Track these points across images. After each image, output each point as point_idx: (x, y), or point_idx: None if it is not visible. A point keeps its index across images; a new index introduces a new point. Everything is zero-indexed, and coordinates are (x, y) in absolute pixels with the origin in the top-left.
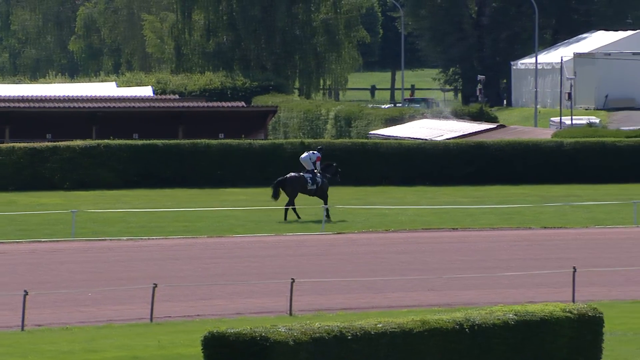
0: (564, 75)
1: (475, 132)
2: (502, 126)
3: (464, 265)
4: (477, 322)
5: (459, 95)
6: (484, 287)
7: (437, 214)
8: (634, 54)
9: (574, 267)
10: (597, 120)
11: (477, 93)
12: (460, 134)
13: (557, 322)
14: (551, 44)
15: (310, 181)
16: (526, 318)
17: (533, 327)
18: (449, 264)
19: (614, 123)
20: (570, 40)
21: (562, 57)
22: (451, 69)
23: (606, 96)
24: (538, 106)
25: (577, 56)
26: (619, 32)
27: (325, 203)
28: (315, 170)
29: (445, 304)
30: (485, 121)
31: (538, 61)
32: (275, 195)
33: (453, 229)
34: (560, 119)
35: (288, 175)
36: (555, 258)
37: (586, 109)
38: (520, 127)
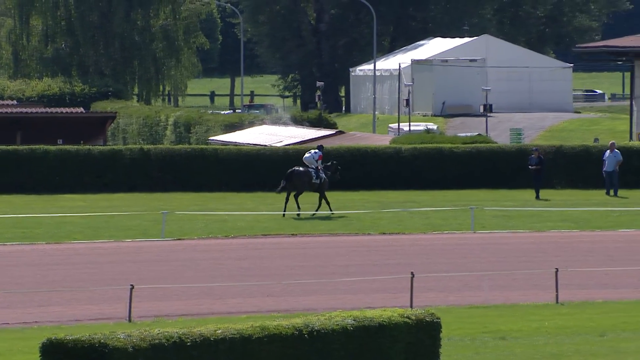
0: (401, 81)
1: (315, 138)
2: (341, 132)
3: (303, 271)
4: (316, 328)
5: (298, 101)
6: (322, 293)
7: (276, 220)
8: (470, 60)
9: (412, 273)
10: (435, 127)
11: (316, 99)
12: (300, 140)
13: (395, 327)
14: (389, 50)
15: (314, 175)
16: (365, 323)
17: (371, 333)
18: (288, 270)
19: (451, 129)
20: (408, 47)
21: (400, 64)
22: (290, 76)
23: (443, 103)
24: (376, 112)
25: (415, 63)
26: (456, 39)
27: (323, 199)
28: (319, 168)
29: (285, 309)
30: (325, 127)
31: (376, 68)
32: (283, 189)
33: (292, 234)
34: (399, 125)
35: (296, 169)
36: (394, 264)
37: (424, 116)
38: (359, 133)
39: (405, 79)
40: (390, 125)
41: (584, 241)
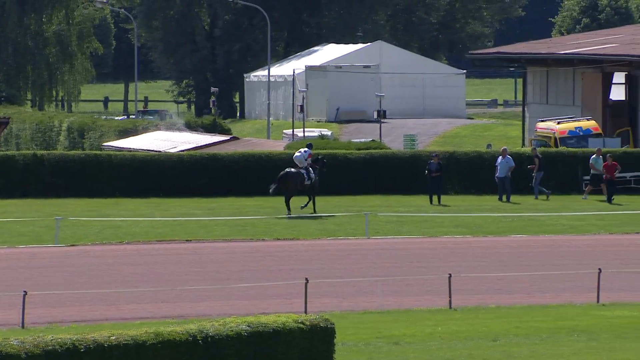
0: (296, 87)
1: (209, 144)
2: (236, 138)
3: (197, 276)
4: (210, 334)
5: (192, 107)
6: (217, 299)
7: (170, 225)
8: (364, 67)
9: (306, 279)
10: (329, 133)
11: (211, 105)
12: (194, 145)
13: (290, 333)
14: (283, 56)
15: (306, 176)
16: (259, 329)
17: (266, 338)
18: (182, 276)
19: (346, 135)
20: (303, 53)
21: (294, 70)
22: (184, 81)
23: (337, 109)
24: (271, 118)
25: (309, 69)
26: (350, 45)
27: (317, 194)
28: (309, 166)
29: (179, 315)
30: (219, 133)
31: (271, 74)
32: (276, 190)
33: (187, 240)
34: (293, 131)
35: (289, 170)
36: (288, 269)
37: (318, 121)
38: (253, 139)
39: (300, 85)
40: (284, 131)
41: (476, 247)
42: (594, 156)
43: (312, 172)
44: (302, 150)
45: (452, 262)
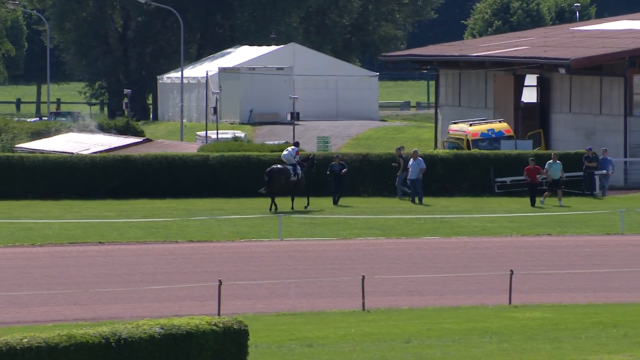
0: (209, 89)
1: (122, 146)
2: (149, 140)
3: (109, 279)
4: (123, 337)
5: (105, 109)
6: (130, 301)
7: (83, 227)
8: (277, 69)
9: (220, 281)
10: (243, 135)
11: (124, 107)
12: (107, 147)
13: (203, 335)
14: (196, 58)
15: (292, 172)
16: (172, 332)
17: (179, 341)
18: (94, 278)
19: (259, 137)
20: (216, 55)
21: (207, 72)
22: (97, 83)
23: (251, 111)
24: (184, 120)
25: (222, 71)
26: (263, 47)
27: (303, 194)
28: (298, 164)
29: (92, 318)
30: (132, 135)
31: (184, 75)
32: (268, 187)
33: (99, 242)
34: (206, 133)
35: (275, 167)
36: (201, 271)
37: (232, 124)
38: (166, 141)
39: (213, 87)
40: (198, 133)
41: (389, 248)
42: (549, 162)
43: (299, 168)
44: (289, 148)
45: (365, 264)
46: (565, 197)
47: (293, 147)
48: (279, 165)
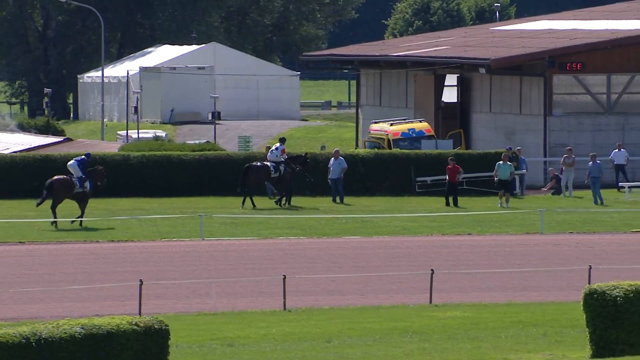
0: (130, 89)
1: (42, 145)
2: (70, 139)
3: (30, 279)
4: (43, 336)
5: (26, 108)
6: (50, 301)
7: (3, 227)
8: (198, 68)
9: (141, 280)
10: (164, 134)
11: (44, 106)
12: (27, 147)
13: (124, 335)
14: (117, 58)
15: (273, 169)
16: (93, 331)
17: (99, 341)
18: (14, 278)
19: (180, 137)
20: (137, 54)
21: (128, 71)
22: (17, 82)
23: (172, 110)
24: (105, 119)
25: (143, 70)
26: (184, 46)
27: (286, 191)
28: (285, 163)
29: (11, 318)
30: (52, 134)
31: (105, 75)
32: (243, 185)
33: (19, 242)
34: (127, 132)
35: (252, 164)
36: (122, 271)
37: (153, 123)
38: (87, 141)
39: (134, 86)
40: (119, 132)
41: (310, 248)
42: (499, 162)
43: (282, 166)
44: (274, 147)
45: (286, 264)
46: (486, 196)
47: (276, 146)
48: (257, 163)
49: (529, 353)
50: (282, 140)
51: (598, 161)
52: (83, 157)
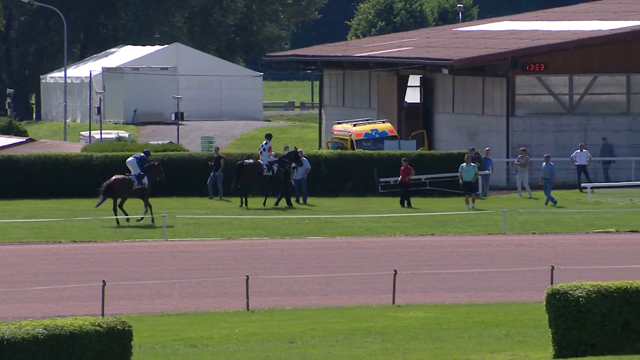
0: (93, 89)
1: (4, 146)
2: (32, 140)
3: None
4: (6, 337)
5: None
6: (12, 302)
7: None
8: (161, 69)
9: (104, 281)
10: (127, 135)
11: (6, 107)
12: None
13: (87, 336)
14: (80, 58)
15: (266, 167)
16: (56, 332)
17: (62, 342)
18: None
19: (143, 137)
20: (100, 54)
21: (91, 72)
22: None
23: (135, 110)
24: (68, 120)
25: (106, 71)
26: (147, 47)
27: (282, 191)
28: (279, 160)
29: None
30: (15, 135)
31: (67, 75)
32: (237, 183)
33: None
34: (90, 133)
35: (245, 161)
36: (85, 272)
37: (116, 123)
38: (50, 141)
39: (97, 87)
40: (81, 133)
41: (274, 249)
42: (463, 164)
43: (275, 165)
44: (261, 148)
45: (249, 265)
46: (449, 197)
47: (265, 141)
48: (250, 160)
49: (492, 353)
50: (269, 137)
51: (551, 162)
52: (141, 154)
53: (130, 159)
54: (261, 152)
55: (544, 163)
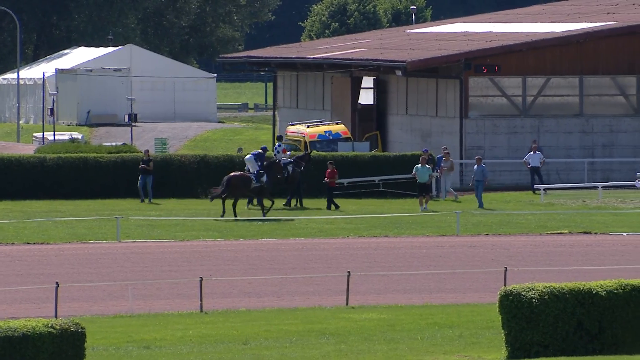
0: (46, 91)
1: None
2: None
3: None
4: None
5: None
6: None
7: None
8: (115, 70)
9: (57, 283)
10: (80, 136)
11: None
12: None
13: (39, 337)
14: (33, 59)
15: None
16: (8, 334)
17: (15, 343)
18: None
19: (97, 139)
20: (53, 56)
21: (44, 73)
22: None
23: (88, 112)
24: (21, 121)
25: (60, 72)
26: (101, 48)
27: (294, 193)
28: (295, 162)
29: None
30: None
31: (20, 76)
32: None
33: None
34: (43, 134)
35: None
36: (38, 274)
37: (69, 125)
38: (2, 143)
39: (50, 88)
40: (34, 134)
41: (227, 250)
42: (417, 165)
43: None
44: (275, 151)
45: (203, 266)
46: (402, 198)
47: (277, 145)
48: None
49: (445, 354)
50: (280, 139)
51: (483, 164)
52: (259, 150)
53: (248, 156)
54: (275, 154)
55: (476, 165)
